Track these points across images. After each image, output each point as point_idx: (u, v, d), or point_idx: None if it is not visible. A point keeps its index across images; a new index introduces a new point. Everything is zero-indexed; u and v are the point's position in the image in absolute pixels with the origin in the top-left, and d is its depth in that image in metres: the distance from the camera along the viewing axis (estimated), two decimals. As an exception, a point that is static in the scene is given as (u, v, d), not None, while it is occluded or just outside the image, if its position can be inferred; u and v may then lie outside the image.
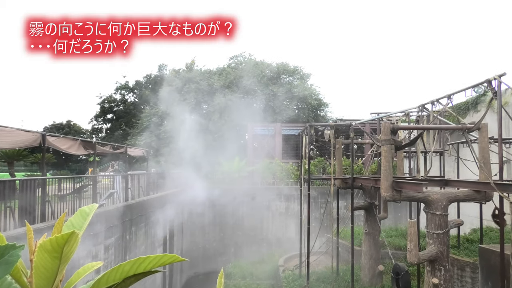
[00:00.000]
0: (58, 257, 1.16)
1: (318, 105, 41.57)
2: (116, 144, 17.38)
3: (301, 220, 14.66)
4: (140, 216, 16.12)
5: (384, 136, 8.65)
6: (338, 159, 13.62)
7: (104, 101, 47.38)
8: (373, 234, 13.06)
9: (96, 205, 1.51)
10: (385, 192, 8.52)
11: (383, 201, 13.86)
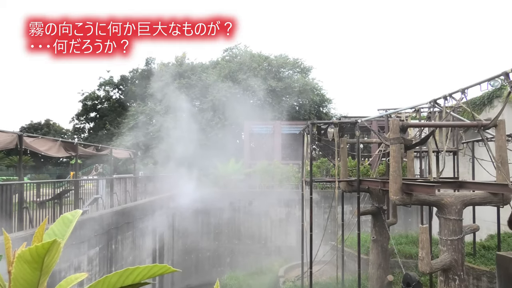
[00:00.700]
0: (38, 268, 1.16)
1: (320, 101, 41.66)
2: (100, 145, 17.34)
3: (303, 226, 14.67)
4: (127, 223, 16.09)
5: (393, 134, 8.68)
6: (343, 159, 13.64)
7: (87, 98, 47.30)
8: (381, 242, 13.08)
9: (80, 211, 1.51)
10: (394, 195, 8.54)
11: (392, 206, 13.88)
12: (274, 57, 42.00)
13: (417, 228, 20.97)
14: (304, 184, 14.79)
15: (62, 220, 1.46)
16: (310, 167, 12.87)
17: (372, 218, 13.39)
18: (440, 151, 12.26)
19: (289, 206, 24.02)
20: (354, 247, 16.34)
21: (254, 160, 30.56)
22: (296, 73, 42.89)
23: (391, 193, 8.59)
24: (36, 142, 11.54)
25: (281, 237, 23.93)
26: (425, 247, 8.00)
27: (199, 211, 23.64)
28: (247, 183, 27.06)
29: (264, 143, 33.08)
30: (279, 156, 30.47)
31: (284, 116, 37.53)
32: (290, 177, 25.84)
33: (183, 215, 23.42)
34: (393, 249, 13.65)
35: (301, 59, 44.30)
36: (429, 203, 8.74)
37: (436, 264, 8.27)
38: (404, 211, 22.29)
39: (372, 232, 13.30)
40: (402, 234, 19.45)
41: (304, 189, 14.87)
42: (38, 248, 1.13)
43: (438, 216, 8.67)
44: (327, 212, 18.55)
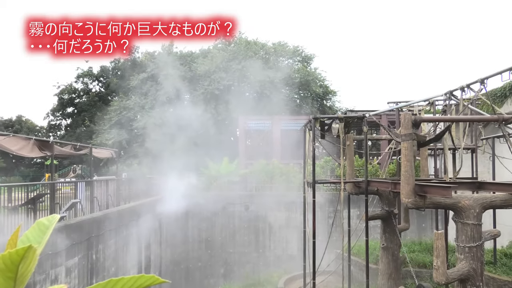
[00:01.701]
0: (12, 277, 1.16)
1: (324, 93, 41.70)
2: (79, 144, 17.31)
3: (305, 233, 14.70)
4: (109, 231, 16.08)
5: (405, 130, 8.70)
6: (349, 158, 13.66)
7: (63, 91, 47.14)
8: (392, 249, 13.13)
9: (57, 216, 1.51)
10: (406, 197, 8.57)
11: (404, 209, 13.92)
12: (272, 44, 42.02)
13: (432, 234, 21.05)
14: (306, 186, 14.80)
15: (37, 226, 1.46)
16: (313, 167, 12.87)
17: (381, 224, 13.42)
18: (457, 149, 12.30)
19: (289, 210, 24.04)
20: (362, 255, 16.36)
21: (250, 159, 30.58)
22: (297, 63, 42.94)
23: (403, 195, 8.62)
24: (6, 141, 11.50)
25: (281, 245, 23.96)
26: (441, 255, 8.03)
27: (190, 216, 23.65)
28: (242, 185, 27.04)
29: (261, 141, 33.13)
30: (278, 155, 30.50)
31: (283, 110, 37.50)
32: (291, 178, 25.85)
33: (172, 222, 23.41)
34: (405, 257, 13.70)
35: (302, 46, 44.38)
36: (445, 206, 8.77)
37: (453, 273, 8.30)
38: (417, 216, 22.35)
39: (382, 238, 13.34)
40: (415, 240, 19.50)
41: (306, 192, 14.89)
42: (11, 254, 1.13)
43: (454, 220, 8.70)
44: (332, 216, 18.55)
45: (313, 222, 12.63)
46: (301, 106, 39.53)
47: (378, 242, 16.31)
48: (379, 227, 14.05)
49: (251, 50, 38.87)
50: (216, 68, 37.50)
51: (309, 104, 39.06)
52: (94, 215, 15.38)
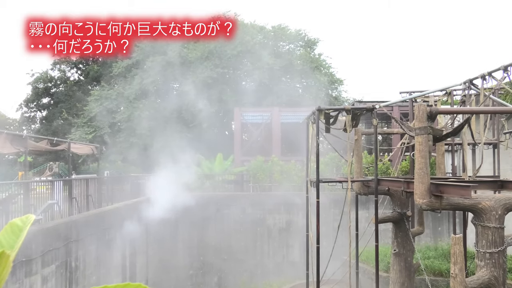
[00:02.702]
0: (-18, 286, 1.16)
1: (329, 82, 41.69)
2: (56, 139, 17.27)
3: (308, 237, 14.72)
4: (90, 235, 16.07)
5: (419, 123, 8.70)
6: (357, 155, 13.68)
7: (38, 80, 46.99)
8: (404, 255, 13.16)
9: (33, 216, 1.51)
10: (421, 198, 8.58)
11: (418, 211, 13.95)
12: (271, 27, 41.92)
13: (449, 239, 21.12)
14: (309, 185, 14.81)
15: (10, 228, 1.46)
16: (317, 164, 12.89)
17: (393, 227, 13.45)
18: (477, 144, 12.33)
19: (290, 212, 24.05)
20: (371, 262, 16.40)
21: (247, 156, 30.55)
22: (299, 48, 42.89)
23: (417, 196, 8.63)
24: (-25, 134, 11.46)
25: (281, 251, 24.00)
26: (459, 262, 8.05)
27: (180, 220, 23.60)
28: (238, 185, 27.04)
29: (259, 135, 33.10)
30: (278, 151, 30.51)
31: (284, 101, 37.51)
32: (292, 177, 25.86)
33: (160, 225, 23.39)
34: (419, 264, 13.73)
35: (305, 30, 44.36)
36: (464, 208, 8.79)
37: (472, 282, 8.33)
38: (432, 218, 22.40)
39: (394, 244, 13.37)
40: (430, 246, 19.56)
41: (309, 192, 14.90)
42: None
43: (474, 223, 8.73)
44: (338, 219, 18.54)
45: (317, 226, 12.65)
46: (304, 96, 39.47)
47: (389, 248, 16.34)
48: (390, 231, 14.08)
49: (247, 34, 38.76)
50: (209, 54, 37.41)
51: (313, 94, 38.99)
52: (73, 218, 15.36)
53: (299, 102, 37.73)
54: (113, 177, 25.14)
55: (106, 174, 31.74)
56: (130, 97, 37.24)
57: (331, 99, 41.27)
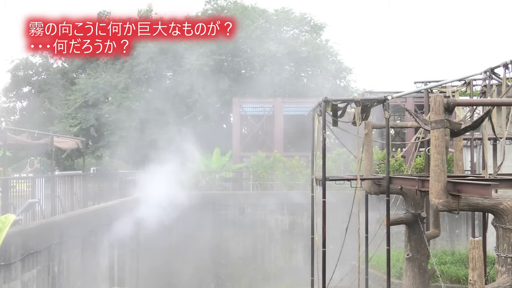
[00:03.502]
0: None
1: (337, 70, 41.66)
2: (37, 131, 17.26)
3: (313, 240, 14.73)
4: (75, 237, 16.09)
5: (435, 116, 8.69)
6: (368, 150, 13.67)
7: (18, 67, 46.88)
8: (418, 260, 13.18)
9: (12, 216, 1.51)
10: (437, 198, 8.58)
11: (434, 212, 13.96)
12: (274, 11, 41.86)
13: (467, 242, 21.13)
14: (314, 183, 14.82)
15: (-13, 229, 1.46)
16: (323, 160, 12.89)
17: (406, 229, 13.47)
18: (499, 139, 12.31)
19: (294, 213, 24.08)
20: (382, 268, 16.41)
21: (247, 151, 30.57)
22: (304, 33, 42.82)
23: (432, 195, 8.63)
24: (-51, 127, 11.47)
25: (284, 255, 24.03)
26: (477, 268, 8.07)
27: (173, 221, 23.54)
28: (237, 183, 27.04)
29: (260, 128, 33.11)
30: (281, 146, 30.50)
31: (287, 91, 37.47)
32: (296, 175, 25.87)
33: (151, 227, 23.36)
34: (434, 270, 13.76)
35: (310, 14, 44.24)
36: (483, 209, 8.79)
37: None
38: (449, 220, 22.42)
39: (407, 248, 13.39)
40: (447, 250, 19.58)
41: (315, 191, 14.91)
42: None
43: (495, 225, 8.74)
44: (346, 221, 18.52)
45: (323, 228, 12.67)
46: (309, 86, 39.46)
47: (401, 252, 16.37)
48: (403, 233, 14.10)
49: (248, 18, 38.71)
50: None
51: (319, 83, 38.96)
52: (56, 219, 15.37)
53: (304, 93, 37.72)
54: (100, 174, 25.15)
55: (92, 170, 31.79)
56: (119, 86, 37.22)
57: (339, 89, 41.23)
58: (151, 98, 36.92)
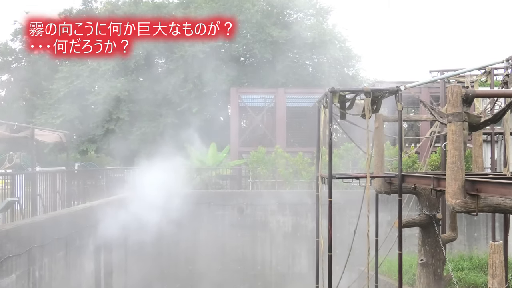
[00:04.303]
0: None
1: (345, 58, 41.62)
2: (16, 123, 17.24)
3: (318, 244, 14.75)
4: (58, 240, 16.09)
5: (452, 108, 8.69)
6: (378, 146, 13.66)
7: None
8: (433, 266, 13.20)
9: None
10: (454, 198, 8.58)
11: (450, 213, 13.96)
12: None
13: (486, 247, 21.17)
14: (320, 181, 14.83)
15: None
16: (330, 156, 12.88)
17: (420, 232, 13.48)
18: (522, 133, 12.30)
19: (297, 214, 24.10)
20: (393, 274, 16.43)
21: (246, 146, 30.57)
22: (309, 17, 42.74)
23: (449, 195, 8.63)
24: None
25: (286, 260, 24.06)
26: (498, 274, 8.08)
27: (165, 222, 23.54)
28: (235, 181, 27.06)
29: (261, 121, 33.10)
30: (283, 141, 30.48)
31: (290, 80, 37.45)
32: (300, 172, 25.88)
33: (141, 228, 23.36)
34: (450, 277, 13.78)
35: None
36: (505, 210, 8.79)
37: (514, 298, 8.37)
38: (467, 222, 22.44)
39: (420, 252, 13.41)
40: (464, 255, 19.60)
41: (320, 190, 14.91)
42: None
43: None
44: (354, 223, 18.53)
45: (329, 230, 12.67)
46: (314, 76, 39.44)
47: (415, 257, 16.40)
48: (417, 237, 14.10)
49: (248, 1, 38.62)
50: (201, 23, 37.26)
51: (325, 73, 38.91)
52: (37, 219, 15.36)
53: (309, 82, 37.72)
54: (85, 170, 25.14)
55: (77, 166, 31.79)
56: (106, 75, 37.09)
57: (347, 78, 41.20)
58: (142, 87, 36.88)
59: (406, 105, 31.35)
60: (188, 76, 35.52)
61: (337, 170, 23.02)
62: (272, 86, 34.13)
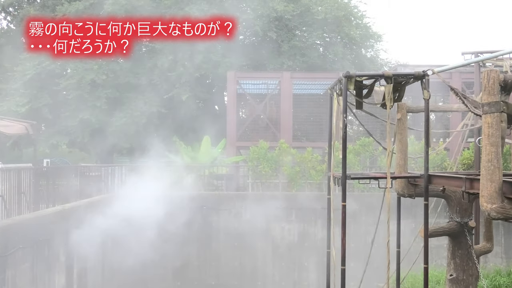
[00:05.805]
0: None
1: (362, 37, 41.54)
2: (-25, 112, 17.30)
3: (330, 256, 14.79)
4: (23, 249, 16.14)
5: (489, 97, 8.70)
6: (401, 141, 13.68)
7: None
8: (465, 282, 13.24)
9: None
10: (489, 202, 8.60)
11: (485, 221, 13.99)
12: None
13: (527, 261, 21.24)
14: (332, 182, 14.87)
15: None
16: (343, 153, 12.89)
17: (449, 243, 13.52)
18: None
19: (305, 221, 24.15)
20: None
21: (245, 140, 30.58)
22: (320, -11, 42.67)
23: (484, 199, 8.65)
24: None
25: (291, 273, 24.12)
26: (541, 292, 8.12)
27: (149, 230, 23.58)
28: (232, 181, 27.10)
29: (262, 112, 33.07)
30: (289, 134, 30.49)
31: (298, 63, 37.44)
32: (308, 171, 25.92)
33: (121, 236, 23.42)
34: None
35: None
36: (549, 217, 8.81)
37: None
38: (506, 231, 22.48)
39: (450, 266, 13.45)
40: (502, 269, 19.65)
41: (332, 192, 14.95)
42: None
43: None
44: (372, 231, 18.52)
45: (343, 240, 12.71)
46: (326, 58, 39.45)
47: (443, 272, 16.46)
48: (446, 248, 14.15)
49: (249, -31, 38.62)
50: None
51: (339, 54, 38.87)
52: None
53: (320, 66, 37.71)
54: (55, 167, 25.16)
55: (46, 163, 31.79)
56: (80, 56, 37.11)
57: (364, 61, 41.23)
58: (122, 70, 36.79)
59: (434, 93, 31.34)
60: (177, 57, 35.46)
61: (352, 169, 23.05)
62: (276, 70, 34.15)
